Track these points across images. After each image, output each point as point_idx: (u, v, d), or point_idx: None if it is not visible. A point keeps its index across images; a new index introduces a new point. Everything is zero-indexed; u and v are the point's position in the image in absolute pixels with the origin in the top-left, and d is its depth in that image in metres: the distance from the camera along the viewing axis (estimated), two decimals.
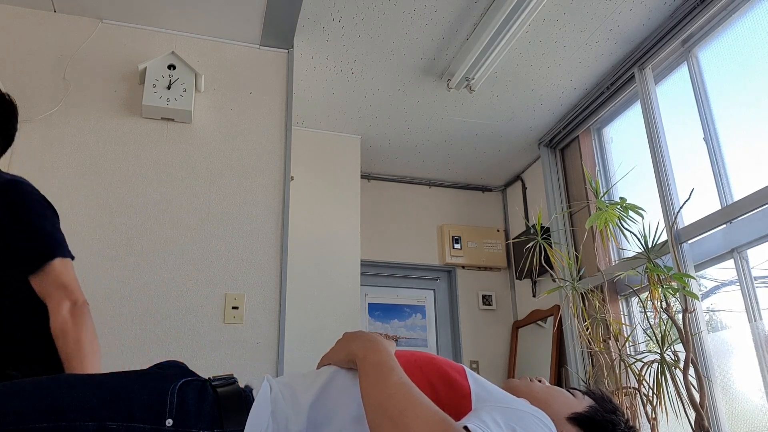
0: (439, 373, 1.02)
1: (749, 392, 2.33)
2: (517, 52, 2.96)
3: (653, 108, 2.90)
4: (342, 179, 3.62)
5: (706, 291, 2.67)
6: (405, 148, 3.92)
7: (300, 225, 3.29)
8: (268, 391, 0.95)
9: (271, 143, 2.66)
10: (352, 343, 1.00)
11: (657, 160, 2.83)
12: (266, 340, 2.35)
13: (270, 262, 2.47)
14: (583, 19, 2.74)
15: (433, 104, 3.42)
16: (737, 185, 2.49)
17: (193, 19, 2.64)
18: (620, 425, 1.09)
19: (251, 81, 2.73)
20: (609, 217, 2.59)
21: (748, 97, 2.51)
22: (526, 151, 3.96)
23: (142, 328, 2.25)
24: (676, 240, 2.65)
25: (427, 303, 4.15)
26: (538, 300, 3.91)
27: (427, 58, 3.01)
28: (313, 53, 2.96)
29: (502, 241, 4.33)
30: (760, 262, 2.37)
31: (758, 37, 2.47)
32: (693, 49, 2.76)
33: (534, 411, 0.92)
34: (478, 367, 3.98)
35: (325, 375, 1.00)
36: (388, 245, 4.10)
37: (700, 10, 2.58)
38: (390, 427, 0.78)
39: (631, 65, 2.99)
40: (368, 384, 0.88)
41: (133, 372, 0.98)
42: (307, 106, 3.41)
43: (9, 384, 0.90)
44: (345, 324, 3.24)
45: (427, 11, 2.68)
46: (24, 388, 0.88)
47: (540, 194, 3.91)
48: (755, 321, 2.31)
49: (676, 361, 2.32)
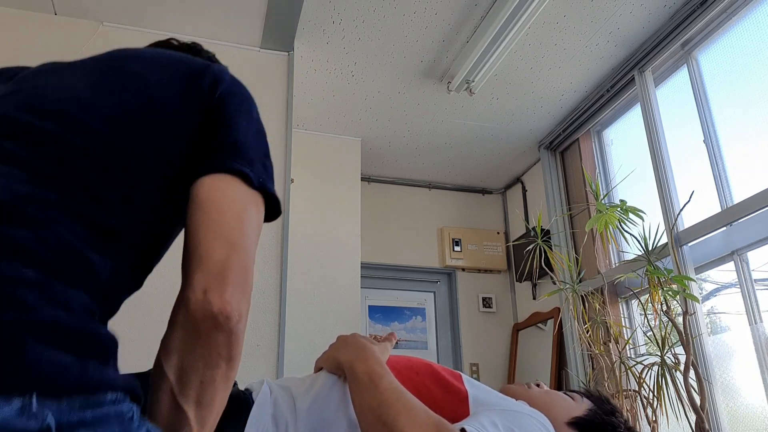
0: (436, 378, 1.02)
1: (750, 395, 2.32)
2: (518, 55, 2.97)
3: (653, 111, 2.90)
4: (342, 182, 3.62)
5: (707, 293, 2.66)
6: (405, 151, 3.92)
7: (300, 227, 3.29)
8: (269, 394, 0.95)
9: (271, 146, 2.63)
10: (340, 352, 1.00)
11: (657, 162, 2.83)
12: (266, 343, 2.35)
13: (270, 264, 2.46)
14: (583, 22, 2.75)
15: (434, 107, 3.42)
16: (737, 188, 2.49)
17: (193, 22, 2.64)
18: (620, 427, 1.09)
19: (251, 84, 2.71)
20: (609, 219, 2.59)
21: (748, 99, 2.51)
22: (526, 153, 3.97)
23: (141, 331, 2.25)
24: (676, 242, 2.64)
25: (427, 305, 4.14)
26: (538, 302, 3.91)
27: (427, 60, 3.02)
28: (313, 56, 2.96)
29: (502, 244, 4.33)
30: (760, 265, 2.37)
31: (758, 40, 2.47)
32: (693, 52, 2.76)
33: (532, 412, 0.92)
34: (479, 370, 3.98)
35: (322, 380, 1.00)
36: (389, 248, 4.10)
37: (699, 13, 2.58)
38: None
39: (631, 68, 2.99)
40: (359, 393, 0.88)
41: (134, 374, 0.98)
42: (307, 108, 3.41)
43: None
44: (345, 326, 3.24)
45: (428, 14, 2.68)
46: None
47: (540, 197, 3.91)
48: (755, 323, 2.31)
49: (676, 364, 2.32)
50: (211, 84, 0.85)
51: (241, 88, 0.92)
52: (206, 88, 0.84)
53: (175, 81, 0.83)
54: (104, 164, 0.72)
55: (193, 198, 0.75)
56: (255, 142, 0.86)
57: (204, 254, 0.71)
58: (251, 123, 0.88)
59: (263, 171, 0.84)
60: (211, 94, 0.84)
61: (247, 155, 0.81)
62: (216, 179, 0.76)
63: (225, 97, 0.85)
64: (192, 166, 0.78)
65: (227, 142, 0.80)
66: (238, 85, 0.91)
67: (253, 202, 0.79)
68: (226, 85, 0.87)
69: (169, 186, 0.77)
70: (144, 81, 0.81)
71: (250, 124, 0.87)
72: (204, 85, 0.84)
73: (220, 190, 0.76)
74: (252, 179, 0.79)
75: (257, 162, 0.83)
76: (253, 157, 0.82)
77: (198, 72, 0.85)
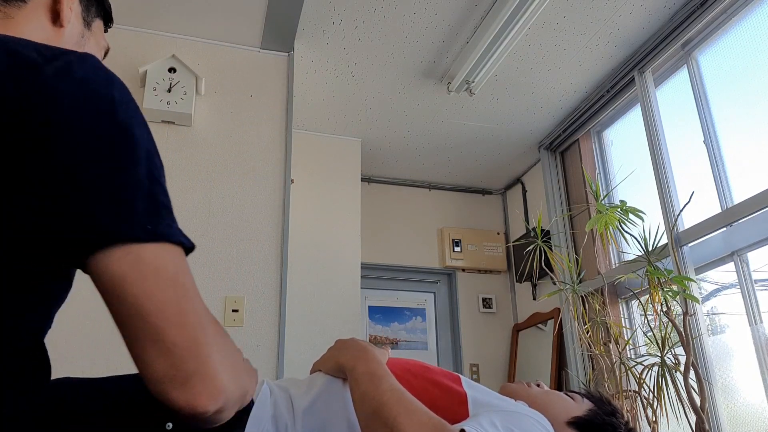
0: (434, 380, 1.02)
1: (750, 395, 2.32)
2: (517, 56, 2.97)
3: (653, 111, 2.90)
4: (342, 182, 3.62)
5: (707, 294, 2.66)
6: (405, 151, 3.92)
7: (300, 228, 3.29)
8: (269, 394, 0.95)
9: (271, 146, 2.66)
10: (341, 354, 1.00)
11: (657, 163, 2.83)
12: (266, 343, 2.35)
13: (270, 264, 2.47)
14: (583, 22, 2.75)
15: (434, 107, 3.42)
16: (737, 188, 2.49)
17: (193, 23, 2.64)
18: (620, 427, 1.09)
19: (252, 84, 2.74)
20: (609, 220, 2.59)
21: (748, 99, 2.51)
22: (527, 154, 3.97)
23: None
24: (676, 243, 2.65)
25: (427, 306, 4.14)
26: (538, 303, 3.91)
27: (427, 61, 3.02)
28: (313, 56, 2.96)
29: (502, 244, 4.33)
30: (760, 265, 2.37)
31: (758, 41, 2.47)
32: (693, 53, 2.76)
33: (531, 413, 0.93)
34: (479, 370, 3.98)
35: (321, 381, 1.00)
36: (389, 248, 4.10)
37: (699, 13, 2.58)
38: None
39: (631, 68, 2.99)
40: (360, 393, 0.88)
41: (134, 375, 0.98)
42: (307, 109, 3.41)
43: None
44: (345, 326, 3.24)
45: (428, 14, 2.68)
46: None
47: (540, 197, 3.91)
48: (755, 324, 2.31)
49: (676, 364, 2.32)
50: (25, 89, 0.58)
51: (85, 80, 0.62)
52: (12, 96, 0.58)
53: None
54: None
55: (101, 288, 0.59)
56: (124, 166, 0.60)
57: (146, 366, 0.58)
58: (106, 137, 0.60)
59: (150, 209, 0.61)
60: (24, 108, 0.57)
61: (122, 200, 0.58)
62: (101, 262, 0.57)
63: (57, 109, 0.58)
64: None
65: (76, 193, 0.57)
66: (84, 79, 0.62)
67: (161, 265, 0.59)
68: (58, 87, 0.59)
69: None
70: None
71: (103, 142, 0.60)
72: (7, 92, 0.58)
73: (117, 278, 0.57)
74: (141, 236, 0.58)
75: (139, 202, 0.60)
76: (131, 198, 0.59)
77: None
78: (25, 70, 0.60)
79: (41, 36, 0.77)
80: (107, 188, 0.58)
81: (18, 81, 0.59)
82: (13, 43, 0.63)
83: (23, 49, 0.62)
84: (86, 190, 0.57)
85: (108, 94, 0.62)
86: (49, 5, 0.80)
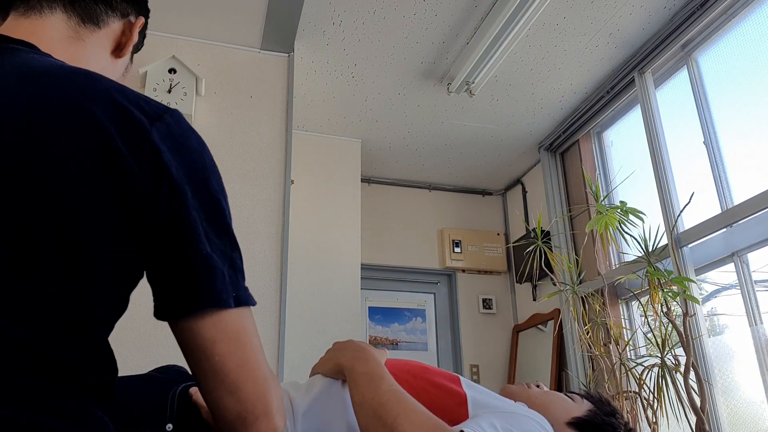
0: (434, 381, 1.02)
1: (750, 396, 2.32)
2: (518, 56, 2.97)
3: (653, 112, 2.90)
4: (342, 183, 3.62)
5: (707, 295, 2.67)
6: (405, 152, 3.92)
7: (300, 228, 3.29)
8: None
9: (271, 147, 2.66)
10: (340, 354, 1.00)
11: (657, 163, 2.83)
12: (266, 344, 2.35)
13: (270, 265, 2.46)
14: (583, 23, 2.75)
15: (434, 108, 3.42)
16: (737, 189, 2.49)
17: (193, 23, 2.64)
18: (620, 428, 1.09)
19: (252, 85, 2.74)
20: (609, 220, 2.59)
21: (748, 100, 2.51)
22: (527, 154, 3.97)
23: (141, 332, 2.25)
24: (676, 244, 2.64)
25: (427, 306, 4.14)
26: (538, 304, 3.91)
27: (427, 62, 3.02)
28: (313, 57, 2.96)
29: (502, 245, 4.33)
30: (760, 266, 2.37)
31: (758, 41, 2.47)
32: (693, 53, 2.77)
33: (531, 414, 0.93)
34: (479, 371, 3.98)
35: (320, 383, 1.00)
36: (389, 249, 4.10)
37: (699, 14, 2.58)
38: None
39: (631, 69, 2.99)
40: (359, 394, 0.88)
41: (134, 376, 0.98)
42: (307, 109, 3.41)
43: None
44: (345, 327, 3.24)
45: (428, 15, 2.69)
46: None
47: (540, 198, 3.91)
48: (756, 325, 2.31)
49: (676, 365, 2.32)
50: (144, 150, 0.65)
51: (186, 133, 0.71)
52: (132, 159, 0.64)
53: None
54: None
55: (186, 349, 0.67)
56: (216, 235, 0.69)
57: (222, 410, 0.67)
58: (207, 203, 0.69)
59: (233, 275, 0.69)
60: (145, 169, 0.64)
61: (216, 269, 0.66)
62: (194, 324, 0.65)
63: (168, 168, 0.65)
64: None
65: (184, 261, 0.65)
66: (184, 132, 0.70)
67: (240, 329, 0.68)
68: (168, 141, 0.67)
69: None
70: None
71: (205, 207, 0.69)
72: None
73: (207, 341, 0.65)
74: (230, 304, 0.66)
75: (226, 271, 0.68)
76: (221, 267, 0.67)
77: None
78: (134, 130, 0.65)
79: (101, 64, 0.81)
80: (204, 260, 0.66)
81: (129, 144, 0.64)
82: (116, 92, 0.67)
83: (128, 104, 0.66)
84: (188, 260, 0.65)
85: (201, 162, 0.71)
86: (117, 36, 0.84)
